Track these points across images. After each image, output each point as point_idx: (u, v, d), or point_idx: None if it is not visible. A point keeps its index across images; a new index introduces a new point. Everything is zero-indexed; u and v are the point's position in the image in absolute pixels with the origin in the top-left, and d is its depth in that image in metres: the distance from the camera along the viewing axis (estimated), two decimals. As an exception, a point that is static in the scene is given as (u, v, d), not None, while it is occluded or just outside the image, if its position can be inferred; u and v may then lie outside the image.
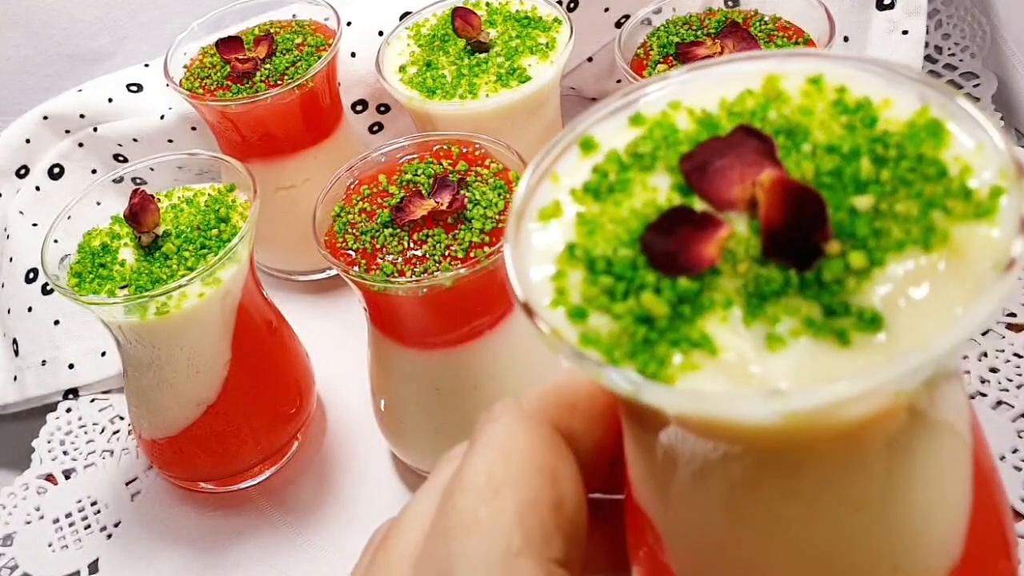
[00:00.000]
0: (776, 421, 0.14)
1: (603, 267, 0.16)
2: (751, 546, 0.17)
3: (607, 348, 0.15)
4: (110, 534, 0.45)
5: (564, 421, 0.19)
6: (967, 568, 0.17)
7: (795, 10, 0.43)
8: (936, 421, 0.16)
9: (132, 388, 0.43)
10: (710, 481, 0.16)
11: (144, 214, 0.39)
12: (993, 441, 0.40)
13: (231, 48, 0.50)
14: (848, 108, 0.17)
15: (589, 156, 0.18)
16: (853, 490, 0.16)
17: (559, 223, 0.17)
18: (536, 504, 0.17)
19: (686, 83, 0.18)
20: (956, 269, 0.14)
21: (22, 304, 0.53)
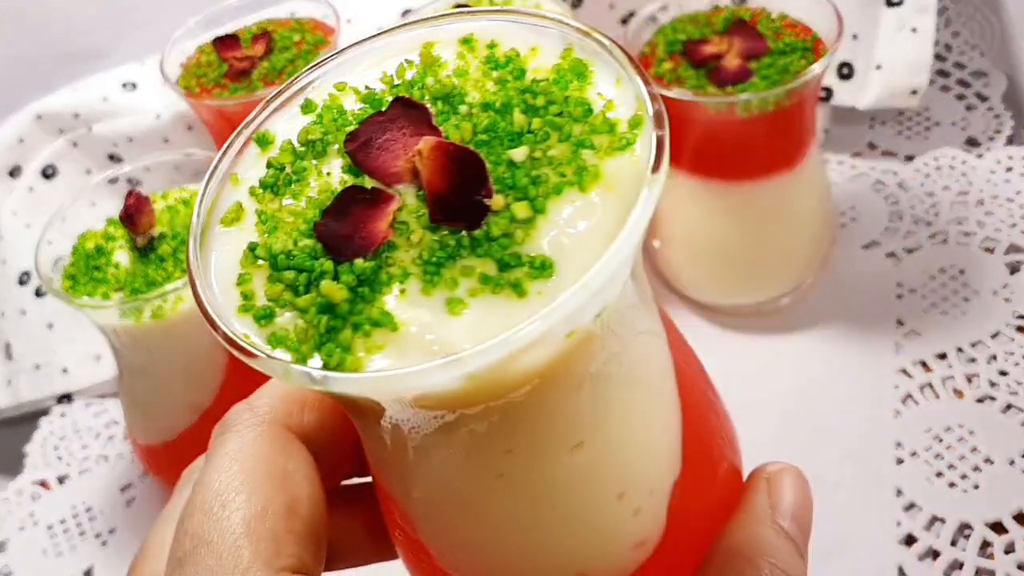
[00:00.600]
0: (464, 384, 0.14)
1: (284, 263, 0.15)
2: (486, 507, 0.17)
3: (295, 345, 0.15)
4: (105, 541, 0.44)
5: (295, 418, 0.19)
6: (689, 477, 0.18)
7: (803, 7, 0.43)
8: (627, 356, 0.16)
9: (127, 392, 0.42)
10: (433, 454, 0.16)
11: (139, 215, 0.39)
12: (1003, 445, 0.39)
13: (228, 46, 0.49)
14: (499, 63, 0.17)
15: (267, 152, 0.18)
16: (564, 433, 0.16)
17: (240, 226, 0.17)
18: (265, 513, 0.17)
19: (348, 62, 0.18)
20: (610, 199, 0.15)
21: (15, 307, 0.52)
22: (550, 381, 0.15)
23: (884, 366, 0.43)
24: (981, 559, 0.36)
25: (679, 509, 0.18)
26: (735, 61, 0.40)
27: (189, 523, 0.18)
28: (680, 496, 0.18)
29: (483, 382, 0.14)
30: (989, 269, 0.46)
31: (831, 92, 0.51)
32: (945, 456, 0.39)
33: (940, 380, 0.42)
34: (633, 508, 0.17)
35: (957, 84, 0.57)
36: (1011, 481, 0.38)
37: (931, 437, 0.40)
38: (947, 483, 0.38)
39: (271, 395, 0.20)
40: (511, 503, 0.17)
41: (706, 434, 0.19)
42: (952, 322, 0.44)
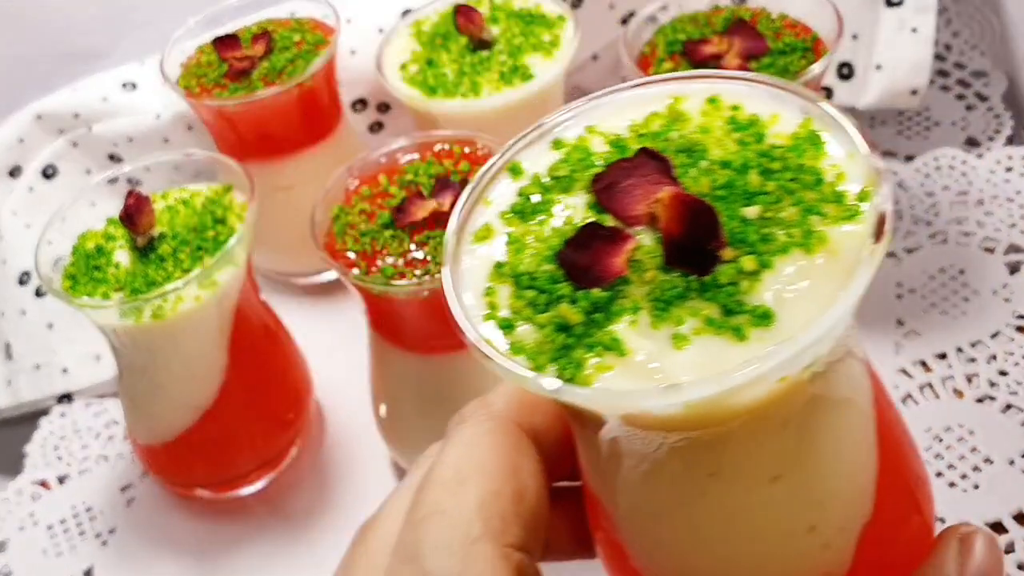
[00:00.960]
0: (680, 410, 0.16)
1: (527, 282, 0.18)
2: (685, 521, 0.19)
3: (532, 355, 0.17)
4: (105, 541, 0.44)
5: (527, 419, 0.21)
6: (879, 522, 0.19)
7: (803, 7, 0.43)
8: (833, 399, 0.18)
9: (127, 393, 0.42)
10: (642, 467, 0.18)
11: (139, 215, 0.39)
12: (1003, 445, 0.39)
13: (228, 46, 0.49)
14: (740, 125, 0.19)
15: (517, 181, 0.20)
16: (765, 465, 0.18)
17: (490, 244, 0.19)
18: (498, 495, 0.19)
19: (599, 107, 0.21)
20: (832, 263, 0.16)
21: (15, 307, 0.52)
22: (757, 418, 0.17)
23: (884, 366, 0.43)
24: (981, 559, 0.36)
25: (866, 550, 0.19)
26: (735, 61, 0.40)
27: (427, 494, 0.20)
28: (868, 538, 0.19)
29: (696, 412, 0.16)
30: (989, 269, 0.46)
31: (831, 92, 0.51)
32: (945, 456, 0.39)
33: (940, 380, 0.42)
34: (822, 542, 0.19)
35: (957, 84, 0.57)
36: (1011, 481, 0.38)
37: (931, 437, 0.40)
38: (947, 483, 0.39)
39: (506, 395, 0.22)
40: (708, 522, 0.19)
41: (899, 484, 0.20)
42: (952, 322, 0.44)
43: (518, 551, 0.19)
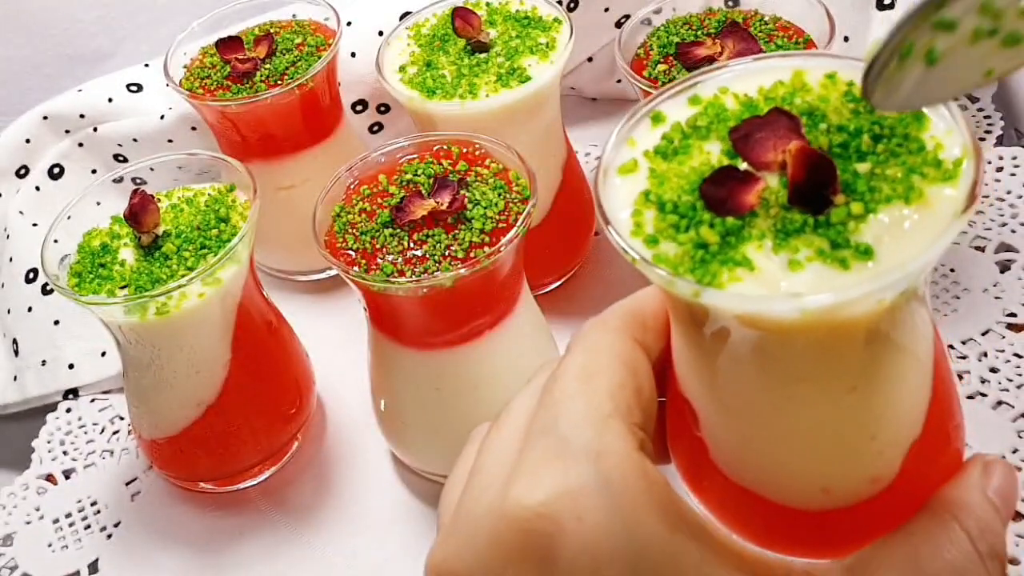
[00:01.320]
0: (796, 316, 0.19)
1: (671, 208, 0.21)
2: (769, 419, 0.22)
3: (674, 265, 0.20)
4: (110, 534, 0.45)
5: (639, 333, 0.24)
6: (925, 443, 0.23)
7: (795, 10, 0.43)
8: (908, 328, 0.21)
9: (132, 388, 0.43)
10: (739, 365, 0.22)
11: (144, 214, 0.39)
12: (993, 441, 0.40)
13: (231, 48, 0.50)
14: (855, 98, 0.22)
15: (658, 126, 0.24)
16: (846, 376, 0.21)
17: (635, 176, 0.22)
18: (622, 386, 0.23)
19: (731, 72, 0.24)
20: (926, 217, 0.20)
21: (22, 304, 0.53)
22: (847, 334, 0.20)
23: (876, 362, 0.44)
24: (971, 552, 0.37)
25: (911, 464, 0.23)
26: (728, 63, 0.41)
27: (560, 384, 0.23)
28: (915, 453, 0.23)
29: (805, 320, 0.19)
30: (980, 268, 0.47)
31: (824, 93, 0.52)
32: (935, 451, 0.40)
33: (931, 376, 0.43)
34: (878, 450, 0.22)
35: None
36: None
37: (922, 432, 0.41)
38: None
39: (620, 314, 0.24)
40: (790, 421, 0.22)
41: (945, 414, 0.24)
42: (943, 320, 0.45)
43: (641, 431, 0.22)
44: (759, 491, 0.23)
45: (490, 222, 0.36)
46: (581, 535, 0.20)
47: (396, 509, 0.44)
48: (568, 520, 0.20)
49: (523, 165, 0.38)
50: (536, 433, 0.22)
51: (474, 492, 0.23)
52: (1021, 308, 0.45)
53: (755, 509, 0.24)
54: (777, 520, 0.24)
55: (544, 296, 0.50)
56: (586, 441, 0.21)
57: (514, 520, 0.21)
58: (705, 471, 0.24)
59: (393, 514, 0.43)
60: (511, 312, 0.39)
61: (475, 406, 0.40)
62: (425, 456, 0.43)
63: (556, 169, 0.48)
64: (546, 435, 0.22)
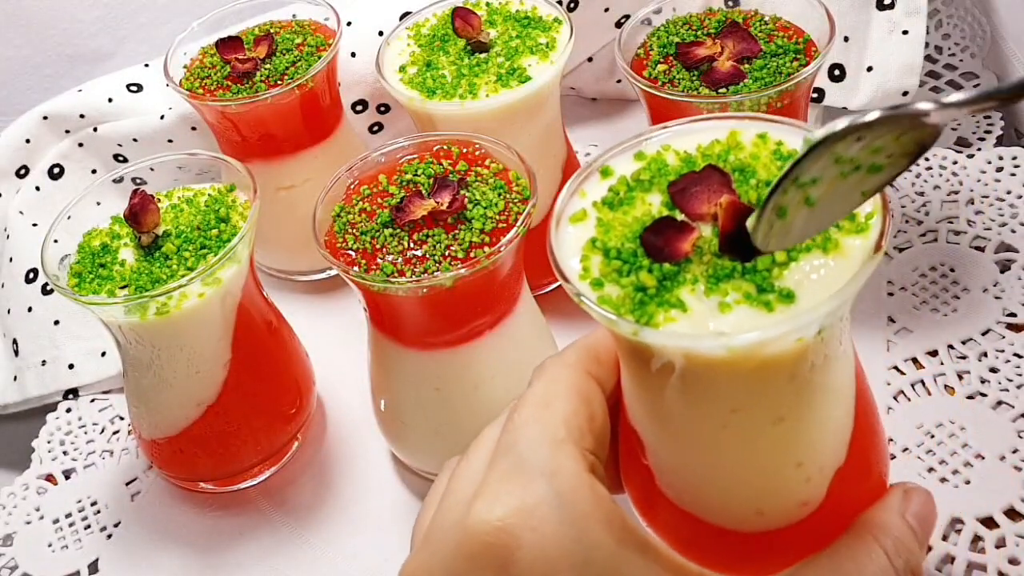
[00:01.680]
0: (723, 353, 0.21)
1: (615, 254, 0.23)
2: (706, 447, 0.24)
3: (616, 306, 0.23)
4: (110, 534, 0.45)
5: (593, 368, 0.27)
6: (849, 469, 0.25)
7: (795, 10, 0.43)
8: (830, 363, 0.24)
9: (132, 388, 0.43)
10: (680, 397, 0.24)
11: (144, 214, 0.39)
12: (993, 441, 0.40)
13: (231, 48, 0.50)
14: (783, 156, 0.25)
15: (606, 179, 0.26)
16: (774, 407, 0.23)
17: (584, 224, 0.25)
18: (575, 414, 0.25)
19: (673, 131, 0.27)
20: (841, 264, 0.22)
21: (22, 304, 0.53)
22: (774, 369, 0.22)
23: (876, 363, 0.44)
24: (972, 554, 0.37)
25: (836, 489, 0.25)
26: (728, 63, 0.41)
27: (521, 412, 0.25)
28: (839, 479, 0.25)
29: (734, 356, 0.22)
30: (979, 267, 0.47)
31: (823, 93, 0.52)
32: (936, 452, 0.40)
33: (931, 377, 0.43)
34: (805, 476, 0.24)
35: (948, 85, 0.58)
36: (1002, 477, 0.38)
37: (923, 433, 0.41)
38: (938, 478, 0.39)
39: (576, 351, 0.27)
40: (725, 449, 0.24)
41: (867, 442, 0.26)
42: (943, 320, 0.45)
43: (592, 455, 0.25)
44: (700, 514, 0.26)
45: (490, 222, 0.36)
46: (536, 545, 0.23)
47: (396, 509, 0.44)
48: (524, 532, 0.23)
49: (523, 165, 0.38)
50: (498, 455, 0.25)
51: (443, 511, 0.25)
52: (1021, 308, 0.45)
53: (697, 531, 0.26)
54: (717, 541, 0.26)
55: (544, 296, 0.50)
56: (541, 461, 0.24)
57: (476, 534, 0.23)
58: (652, 496, 0.27)
59: (393, 514, 0.43)
60: (511, 312, 0.39)
61: (475, 406, 0.40)
62: (425, 456, 0.43)
63: (556, 169, 0.48)
64: (507, 456, 0.24)
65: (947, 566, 0.37)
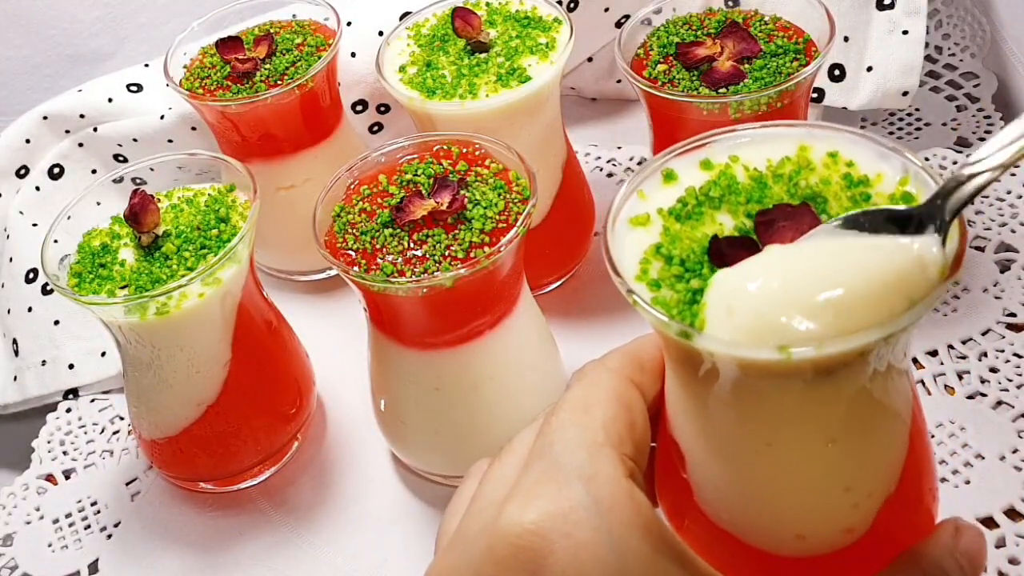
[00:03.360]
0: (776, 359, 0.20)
1: (678, 262, 0.23)
2: (749, 464, 0.23)
3: (669, 308, 0.22)
4: (110, 534, 0.45)
5: (636, 375, 0.26)
6: (899, 499, 0.24)
7: (795, 10, 0.43)
8: (889, 386, 0.23)
9: (132, 388, 0.43)
10: (727, 410, 0.23)
11: (144, 214, 0.39)
12: (993, 441, 0.40)
13: (231, 48, 0.50)
14: (853, 182, 0.24)
15: (670, 185, 0.25)
16: (827, 428, 0.22)
17: (647, 230, 0.24)
18: (615, 419, 0.24)
19: (740, 137, 0.26)
20: (900, 289, 0.20)
21: (22, 304, 0.53)
22: (831, 382, 0.21)
23: (876, 363, 0.44)
24: (971, 552, 0.37)
25: (884, 517, 0.24)
26: (728, 63, 0.41)
27: (558, 416, 0.24)
28: (888, 508, 0.24)
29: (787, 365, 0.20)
30: (980, 267, 0.47)
31: (823, 93, 0.52)
32: (936, 452, 0.40)
33: (931, 377, 0.43)
34: (853, 502, 0.23)
35: (948, 85, 0.58)
36: (1002, 476, 0.38)
37: (922, 432, 0.41)
38: (938, 478, 0.39)
39: (619, 356, 0.26)
40: (770, 468, 0.23)
41: (920, 473, 0.25)
42: (943, 320, 0.45)
43: (631, 459, 0.24)
44: (737, 534, 0.24)
45: (490, 222, 0.36)
46: (569, 551, 0.22)
47: (396, 509, 0.44)
48: (558, 537, 0.22)
49: (523, 165, 0.38)
50: (533, 458, 0.24)
51: (472, 514, 0.24)
52: (1021, 308, 0.45)
53: (733, 551, 0.25)
54: (753, 563, 0.25)
55: (544, 296, 0.50)
56: (579, 465, 0.23)
57: (506, 536, 0.22)
58: (688, 511, 0.26)
59: (393, 514, 0.43)
60: (511, 312, 0.39)
61: (475, 406, 0.40)
62: (425, 456, 0.43)
63: (556, 169, 0.48)
64: (542, 459, 0.23)
65: (947, 566, 0.37)
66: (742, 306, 0.21)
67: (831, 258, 0.21)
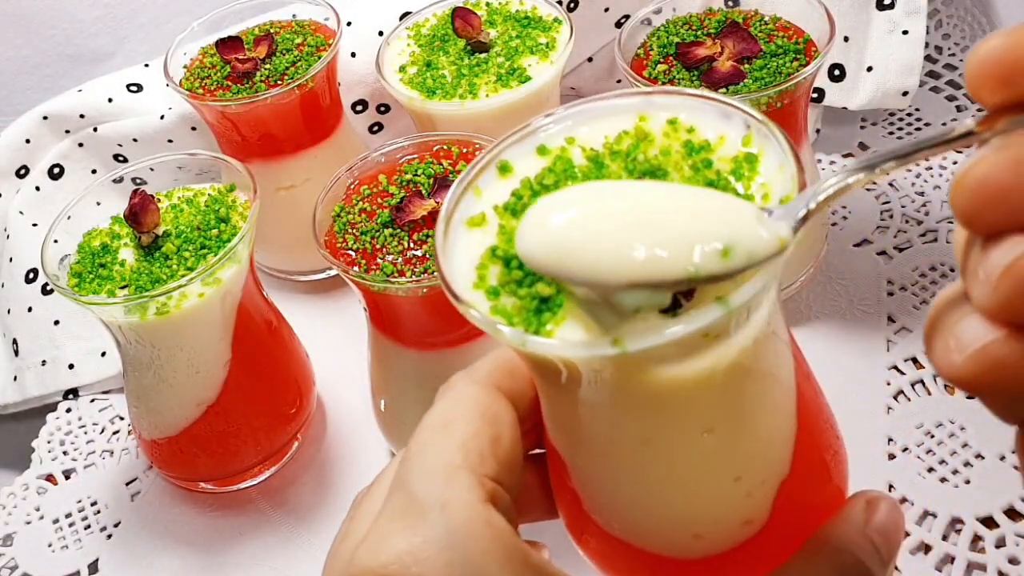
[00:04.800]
0: (620, 357, 0.18)
1: (516, 264, 0.21)
2: (630, 466, 0.22)
3: (510, 316, 0.20)
4: (110, 534, 0.45)
5: (506, 383, 0.24)
6: (795, 481, 0.22)
7: (795, 10, 0.43)
8: (758, 369, 0.21)
9: (132, 388, 0.43)
10: (595, 415, 0.21)
11: (144, 214, 0.39)
12: (993, 441, 0.40)
13: (231, 48, 0.50)
14: (694, 149, 0.22)
15: (506, 178, 0.23)
16: (699, 418, 0.21)
17: (483, 230, 0.22)
18: (477, 435, 0.22)
19: (576, 115, 0.23)
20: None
21: (22, 304, 0.53)
22: (693, 377, 0.20)
23: (876, 363, 0.44)
24: (972, 553, 0.37)
25: (783, 503, 0.22)
26: (728, 63, 0.41)
27: (417, 437, 0.23)
28: (785, 492, 0.22)
29: (628, 360, 0.19)
30: (979, 267, 0.47)
31: (823, 93, 0.52)
32: (936, 451, 0.40)
33: (931, 376, 0.43)
34: (745, 491, 0.22)
35: (947, 85, 0.58)
36: (1002, 476, 0.38)
37: (922, 433, 0.41)
38: (938, 478, 0.39)
39: (487, 364, 0.25)
40: (650, 467, 0.22)
41: (815, 449, 0.23)
42: (943, 319, 0.45)
43: (493, 483, 0.22)
44: (633, 541, 0.23)
45: (490, 222, 0.36)
46: None
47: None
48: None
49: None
50: (393, 489, 0.23)
51: (333, 556, 0.23)
52: (1021, 308, 0.45)
53: (632, 560, 0.23)
54: (655, 570, 0.23)
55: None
56: (433, 493, 0.21)
57: None
58: (583, 523, 0.24)
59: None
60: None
61: (475, 406, 0.40)
62: (425, 456, 0.43)
63: (556, 169, 0.48)
64: (399, 490, 0.22)
65: (947, 566, 0.37)
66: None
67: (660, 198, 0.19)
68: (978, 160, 0.16)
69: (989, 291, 0.16)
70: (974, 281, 0.16)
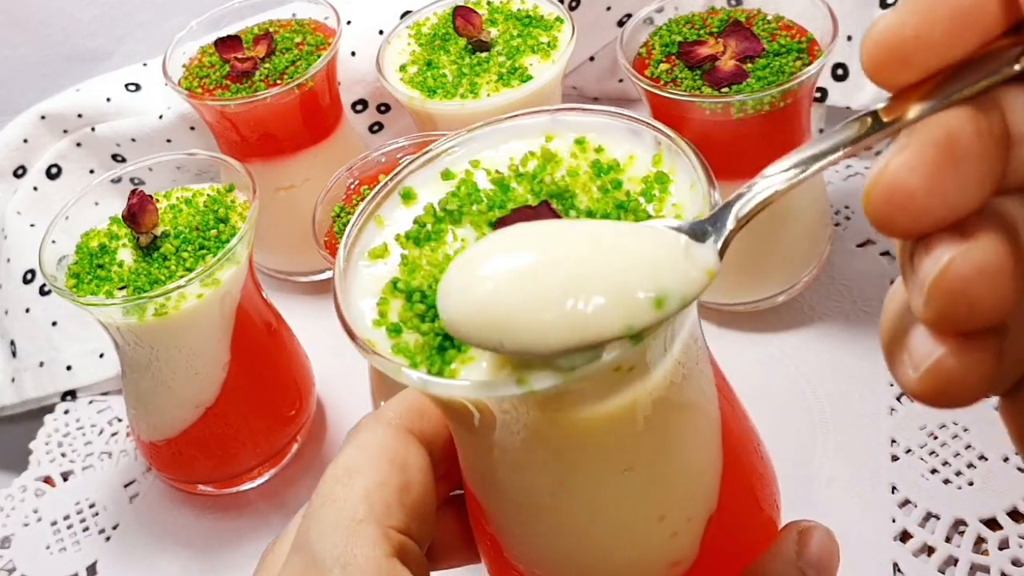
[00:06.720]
0: (521, 393, 0.17)
1: (419, 298, 0.20)
2: (546, 511, 0.21)
3: (412, 355, 0.19)
4: (108, 536, 0.45)
5: (416, 424, 0.23)
6: (723, 515, 0.21)
7: (798, 9, 0.43)
8: (678, 403, 0.20)
9: (130, 390, 0.43)
10: (507, 459, 0.20)
11: (142, 214, 0.39)
12: (996, 442, 0.40)
13: (230, 47, 0.49)
14: (602, 169, 0.21)
15: (409, 206, 0.22)
16: (617, 457, 0.20)
17: (385, 262, 0.21)
18: (383, 485, 0.21)
19: (480, 138, 0.23)
20: None
21: (20, 305, 0.52)
22: (608, 414, 0.19)
23: (879, 364, 0.43)
24: (975, 555, 0.36)
25: (712, 540, 0.21)
26: (730, 62, 0.41)
27: (320, 489, 0.22)
28: (713, 529, 0.21)
29: (545, 401, 0.18)
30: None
31: (826, 93, 0.51)
32: (940, 453, 0.40)
33: (934, 378, 0.43)
34: (671, 531, 0.21)
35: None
36: (1005, 478, 0.38)
37: (926, 434, 0.41)
38: (942, 480, 0.39)
39: (396, 405, 0.23)
40: (569, 511, 0.20)
41: (744, 484, 0.22)
42: (946, 320, 0.45)
43: (401, 534, 0.21)
44: None
45: (491, 223, 0.36)
46: None
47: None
48: None
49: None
50: (294, 548, 0.22)
51: None
52: (1025, 309, 0.45)
53: None
54: None
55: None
56: (334, 551, 0.20)
57: None
58: (504, 569, 0.23)
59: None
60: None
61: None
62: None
63: (557, 169, 0.48)
64: (300, 549, 0.21)
65: (951, 568, 0.36)
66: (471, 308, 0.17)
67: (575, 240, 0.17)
68: (884, 166, 0.15)
69: (923, 304, 0.15)
70: (912, 291, 0.15)
